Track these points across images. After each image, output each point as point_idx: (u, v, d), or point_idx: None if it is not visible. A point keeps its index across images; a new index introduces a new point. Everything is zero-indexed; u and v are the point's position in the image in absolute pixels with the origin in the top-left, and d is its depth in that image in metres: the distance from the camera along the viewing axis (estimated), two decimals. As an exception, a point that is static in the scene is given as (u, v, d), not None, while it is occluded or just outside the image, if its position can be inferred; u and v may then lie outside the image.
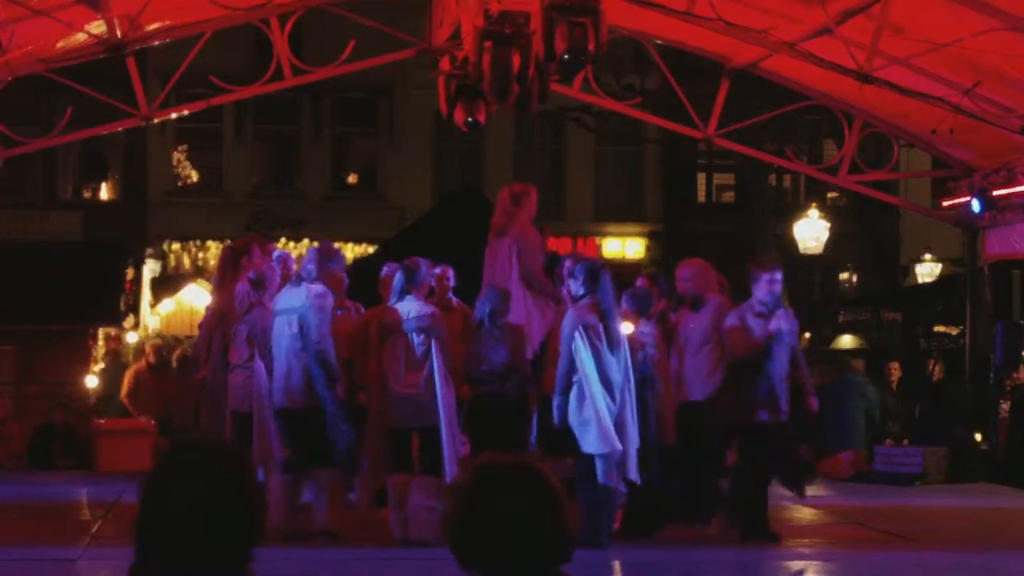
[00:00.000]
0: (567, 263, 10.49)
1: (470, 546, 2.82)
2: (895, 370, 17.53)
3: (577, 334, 9.49)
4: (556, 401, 9.62)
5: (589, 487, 9.45)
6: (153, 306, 25.72)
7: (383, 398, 10.00)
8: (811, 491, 13.88)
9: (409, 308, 9.95)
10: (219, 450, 2.89)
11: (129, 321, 23.61)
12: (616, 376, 9.58)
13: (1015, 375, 16.60)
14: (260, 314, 10.40)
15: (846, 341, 29.76)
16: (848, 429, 15.68)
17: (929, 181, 25.48)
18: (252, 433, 10.11)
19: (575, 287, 9.72)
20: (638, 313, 10.27)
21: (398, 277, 10.15)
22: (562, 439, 9.77)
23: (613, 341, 9.61)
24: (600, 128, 27.44)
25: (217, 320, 10.72)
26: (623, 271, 22.25)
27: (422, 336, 9.87)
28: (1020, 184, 14.31)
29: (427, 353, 9.87)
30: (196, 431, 10.73)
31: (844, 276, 30.96)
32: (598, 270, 9.81)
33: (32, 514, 11.71)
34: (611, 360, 9.56)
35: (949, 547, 10.29)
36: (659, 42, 14.53)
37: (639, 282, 11.03)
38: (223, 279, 10.81)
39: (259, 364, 10.27)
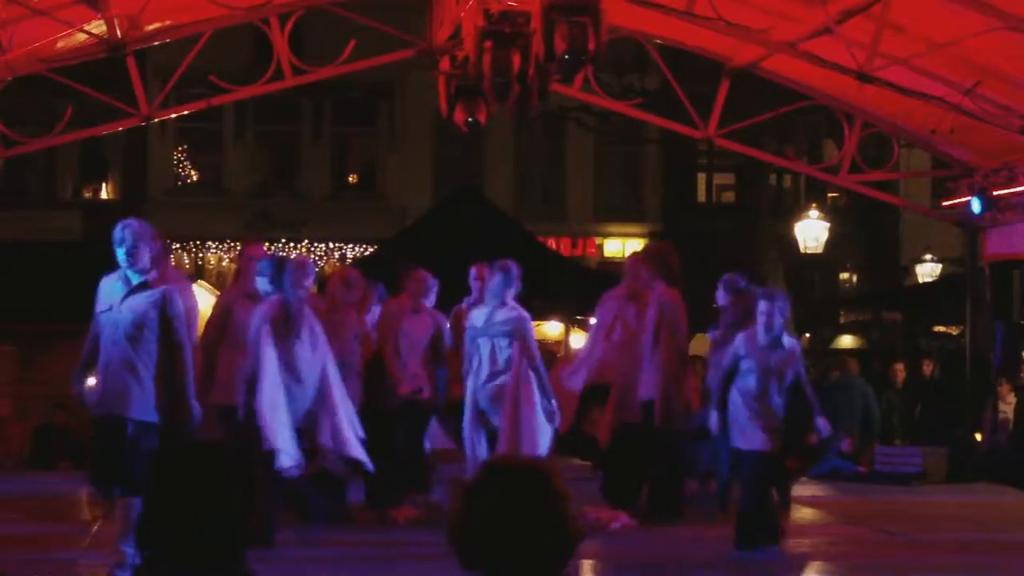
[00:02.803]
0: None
1: (471, 546, 2.82)
2: (900, 371, 17.54)
3: (264, 331, 9.24)
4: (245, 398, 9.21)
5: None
6: (153, 306, 25.71)
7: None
8: (811, 491, 13.91)
9: (498, 311, 10.23)
10: (218, 452, 2.89)
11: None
12: (307, 369, 9.36)
13: (1020, 376, 16.61)
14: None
15: (846, 341, 29.77)
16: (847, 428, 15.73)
17: (929, 181, 25.49)
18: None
19: (262, 284, 9.43)
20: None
21: (498, 279, 10.31)
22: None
23: (299, 334, 9.39)
24: (600, 128, 27.44)
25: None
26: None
27: (507, 340, 10.05)
28: (1020, 184, 14.31)
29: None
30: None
31: (844, 276, 30.99)
32: (282, 263, 9.70)
33: (32, 514, 11.70)
34: (302, 355, 9.36)
35: (949, 547, 10.28)
36: (659, 42, 14.53)
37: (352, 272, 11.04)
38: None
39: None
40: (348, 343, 10.63)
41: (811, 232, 24.16)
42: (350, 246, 29.43)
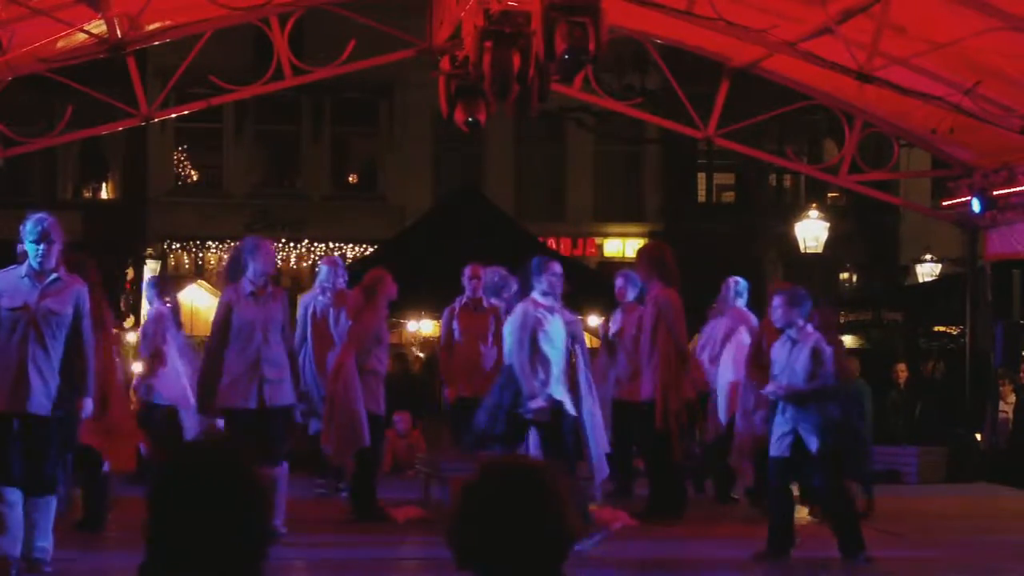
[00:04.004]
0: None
1: (468, 545, 2.81)
2: (902, 372, 17.55)
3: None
4: None
5: None
6: (153, 306, 25.70)
7: None
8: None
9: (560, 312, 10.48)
10: (225, 451, 2.88)
11: (129, 321, 23.58)
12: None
13: (1019, 376, 16.63)
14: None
15: (846, 341, 29.75)
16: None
17: (929, 181, 25.49)
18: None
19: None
20: None
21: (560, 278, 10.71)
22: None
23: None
24: (600, 128, 27.44)
25: None
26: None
27: (570, 340, 10.37)
28: (1020, 184, 14.31)
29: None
30: None
31: (844, 276, 30.96)
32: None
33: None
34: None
35: (948, 547, 10.28)
36: (659, 42, 14.53)
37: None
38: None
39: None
40: (364, 348, 10.73)
41: (811, 232, 24.14)
42: (350, 246, 29.42)
